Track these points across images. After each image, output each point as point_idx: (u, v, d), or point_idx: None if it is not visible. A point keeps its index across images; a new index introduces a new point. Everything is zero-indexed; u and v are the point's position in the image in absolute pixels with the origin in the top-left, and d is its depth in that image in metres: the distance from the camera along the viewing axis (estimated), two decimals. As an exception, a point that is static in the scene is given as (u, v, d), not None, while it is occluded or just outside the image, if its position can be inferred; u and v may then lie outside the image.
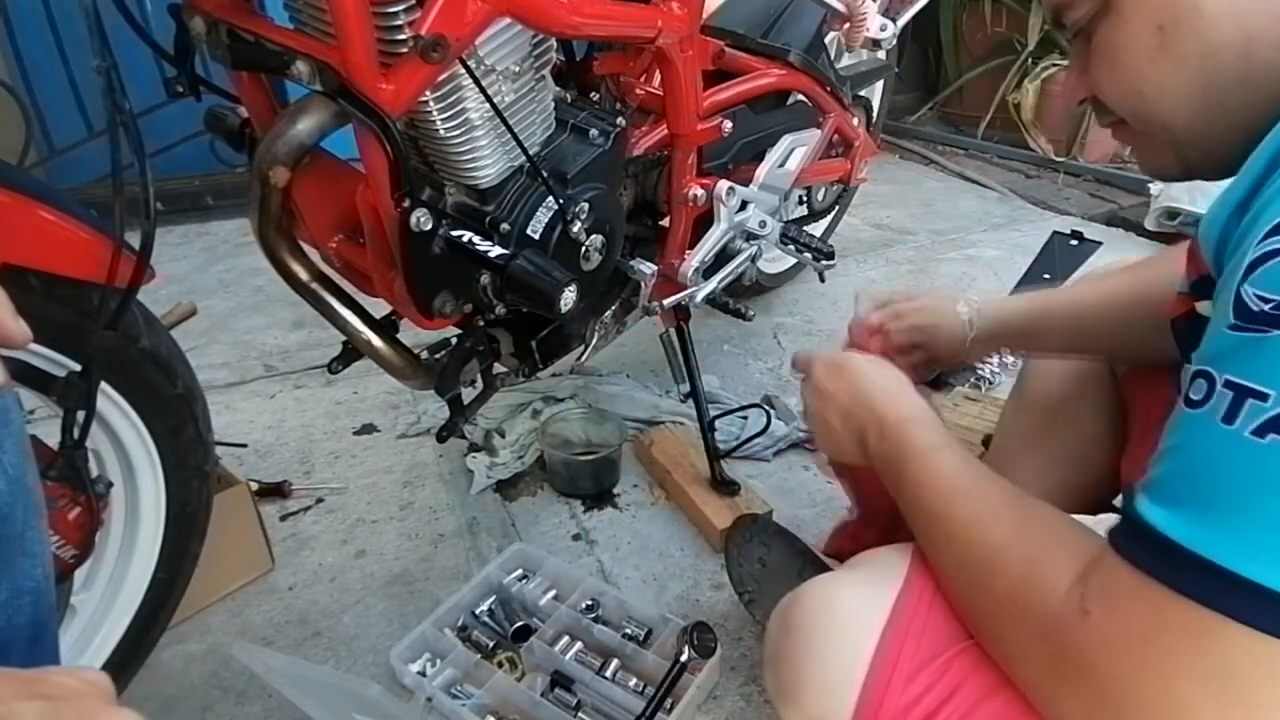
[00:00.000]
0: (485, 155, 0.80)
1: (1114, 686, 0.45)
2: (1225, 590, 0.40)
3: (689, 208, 1.09)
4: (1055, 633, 0.48)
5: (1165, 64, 0.52)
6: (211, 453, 0.91)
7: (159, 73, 1.65)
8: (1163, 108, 0.54)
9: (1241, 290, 0.42)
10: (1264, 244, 0.41)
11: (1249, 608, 0.40)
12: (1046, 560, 0.51)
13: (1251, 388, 0.40)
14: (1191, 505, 0.42)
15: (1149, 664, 0.44)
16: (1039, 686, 0.51)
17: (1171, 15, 0.51)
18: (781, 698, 0.61)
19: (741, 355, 1.74)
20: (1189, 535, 0.42)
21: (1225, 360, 0.42)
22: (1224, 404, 0.41)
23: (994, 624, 0.54)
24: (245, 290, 2.01)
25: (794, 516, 1.27)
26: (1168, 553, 0.42)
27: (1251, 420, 0.40)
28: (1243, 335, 0.41)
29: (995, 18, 3.16)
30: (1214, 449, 0.42)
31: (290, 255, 0.82)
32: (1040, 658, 0.50)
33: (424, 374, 0.95)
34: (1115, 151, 3.01)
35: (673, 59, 0.94)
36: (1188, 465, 0.44)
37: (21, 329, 0.49)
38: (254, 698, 0.98)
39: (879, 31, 1.44)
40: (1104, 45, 0.55)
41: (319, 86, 0.70)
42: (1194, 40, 0.50)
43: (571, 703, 0.94)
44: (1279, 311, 0.40)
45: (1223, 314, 0.43)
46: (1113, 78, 0.55)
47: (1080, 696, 0.48)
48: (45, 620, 0.57)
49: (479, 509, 1.30)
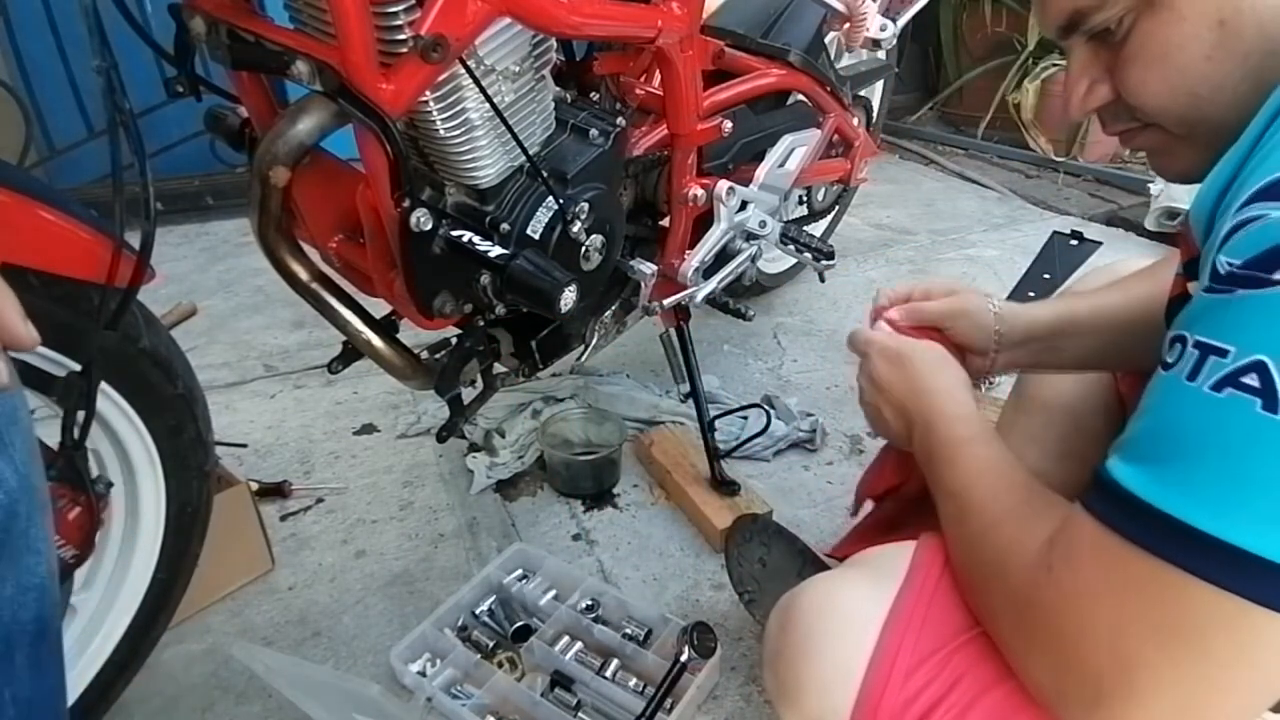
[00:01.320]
0: (485, 155, 0.80)
1: (1069, 640, 0.46)
2: (1182, 544, 0.41)
3: (689, 208, 1.09)
4: (1023, 590, 0.50)
5: (1225, 61, 0.49)
6: (211, 453, 0.91)
7: (159, 73, 1.65)
8: (1216, 108, 0.51)
9: (1216, 260, 0.42)
10: (1239, 214, 0.42)
11: (1204, 562, 0.40)
12: (1033, 527, 0.52)
13: (1215, 345, 0.41)
14: (1154, 460, 0.43)
15: (1105, 617, 0.44)
16: (1009, 644, 0.52)
17: (1235, 7, 0.48)
18: (781, 697, 0.61)
19: (741, 355, 1.74)
20: (1148, 489, 0.42)
21: (1196, 322, 0.43)
22: (1190, 362, 0.42)
23: (984, 588, 0.56)
24: (245, 290, 2.01)
25: (794, 516, 1.27)
26: (1128, 506, 0.43)
27: (1211, 375, 0.41)
28: (1213, 297, 0.42)
29: (995, 18, 3.16)
30: (1177, 406, 0.43)
31: (290, 255, 0.82)
32: (1010, 616, 0.52)
33: (424, 374, 0.95)
34: (1115, 151, 3.01)
35: (673, 59, 0.94)
36: (1153, 423, 0.45)
37: (30, 332, 0.49)
38: (254, 698, 0.98)
39: (879, 31, 1.44)
40: (1149, 45, 0.51)
41: (319, 86, 0.70)
42: (1259, 34, 0.48)
43: (571, 703, 0.94)
44: (1245, 271, 0.40)
45: (1201, 283, 0.44)
46: (1162, 79, 0.52)
47: (1040, 652, 0.49)
48: (49, 617, 0.58)
49: (479, 509, 1.30)
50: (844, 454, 1.43)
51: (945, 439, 0.65)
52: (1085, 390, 0.93)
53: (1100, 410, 0.92)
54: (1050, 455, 0.93)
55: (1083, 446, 0.92)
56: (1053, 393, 0.95)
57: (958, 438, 0.64)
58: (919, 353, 0.74)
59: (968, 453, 0.62)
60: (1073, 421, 0.93)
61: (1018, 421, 0.98)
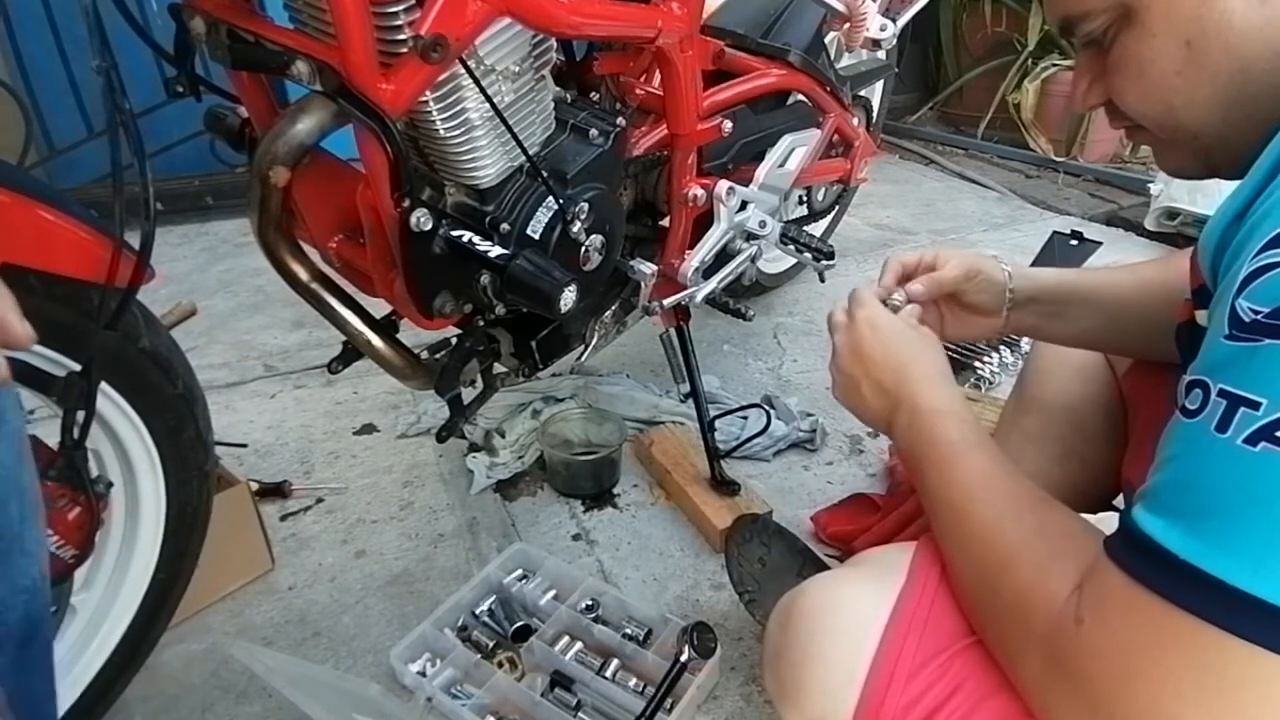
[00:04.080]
0: (485, 155, 0.80)
1: (1105, 697, 0.45)
2: (1218, 602, 0.40)
3: (689, 208, 1.09)
4: (1051, 639, 0.48)
5: (1195, 78, 0.51)
6: (211, 453, 0.91)
7: (159, 73, 1.65)
8: (1191, 117, 0.53)
9: (1236, 304, 0.42)
10: (1259, 258, 0.41)
11: (1241, 620, 0.39)
12: (1053, 567, 0.51)
13: (1244, 396, 0.40)
14: (1185, 515, 0.42)
15: (1139, 675, 0.43)
16: (1035, 691, 0.51)
17: (1200, 30, 0.50)
18: (782, 698, 0.61)
19: (741, 355, 1.74)
20: (1183, 545, 0.41)
21: (1220, 370, 0.42)
22: (1218, 413, 0.41)
23: (999, 626, 0.54)
24: (245, 290, 2.01)
25: (794, 516, 1.27)
26: (1162, 563, 0.42)
27: (1244, 429, 0.40)
28: (1237, 345, 0.41)
29: (995, 18, 3.16)
30: (1207, 458, 0.42)
31: (290, 255, 0.82)
32: (1037, 663, 0.50)
33: (424, 374, 0.95)
34: (1115, 151, 3.02)
35: (673, 59, 0.94)
36: (1182, 475, 0.44)
37: (27, 330, 0.49)
38: (254, 698, 0.98)
39: (879, 31, 1.44)
40: (1127, 57, 0.54)
41: (319, 86, 0.70)
42: (1225, 55, 0.50)
43: (571, 703, 0.94)
44: (1272, 320, 0.40)
45: (1218, 326, 0.43)
46: (1139, 89, 0.54)
47: (1072, 705, 0.47)
48: (38, 620, 0.57)
49: (479, 509, 1.29)
50: (844, 454, 1.43)
51: (935, 441, 0.63)
52: (1085, 390, 0.93)
53: (1100, 410, 0.92)
54: (1050, 456, 0.93)
55: (1083, 447, 0.92)
56: (1053, 393, 0.95)
57: (948, 442, 0.62)
58: (907, 332, 0.72)
59: (964, 462, 0.60)
60: (1073, 422, 0.93)
61: (1018, 422, 0.98)
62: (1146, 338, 0.80)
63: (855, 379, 0.72)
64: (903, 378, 0.68)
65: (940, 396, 0.66)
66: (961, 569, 0.58)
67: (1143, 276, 0.81)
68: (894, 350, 0.70)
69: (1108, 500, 0.92)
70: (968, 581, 0.58)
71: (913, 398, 0.67)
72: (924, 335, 0.73)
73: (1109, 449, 0.90)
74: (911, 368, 0.69)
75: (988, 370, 1.61)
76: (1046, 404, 0.95)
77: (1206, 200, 2.17)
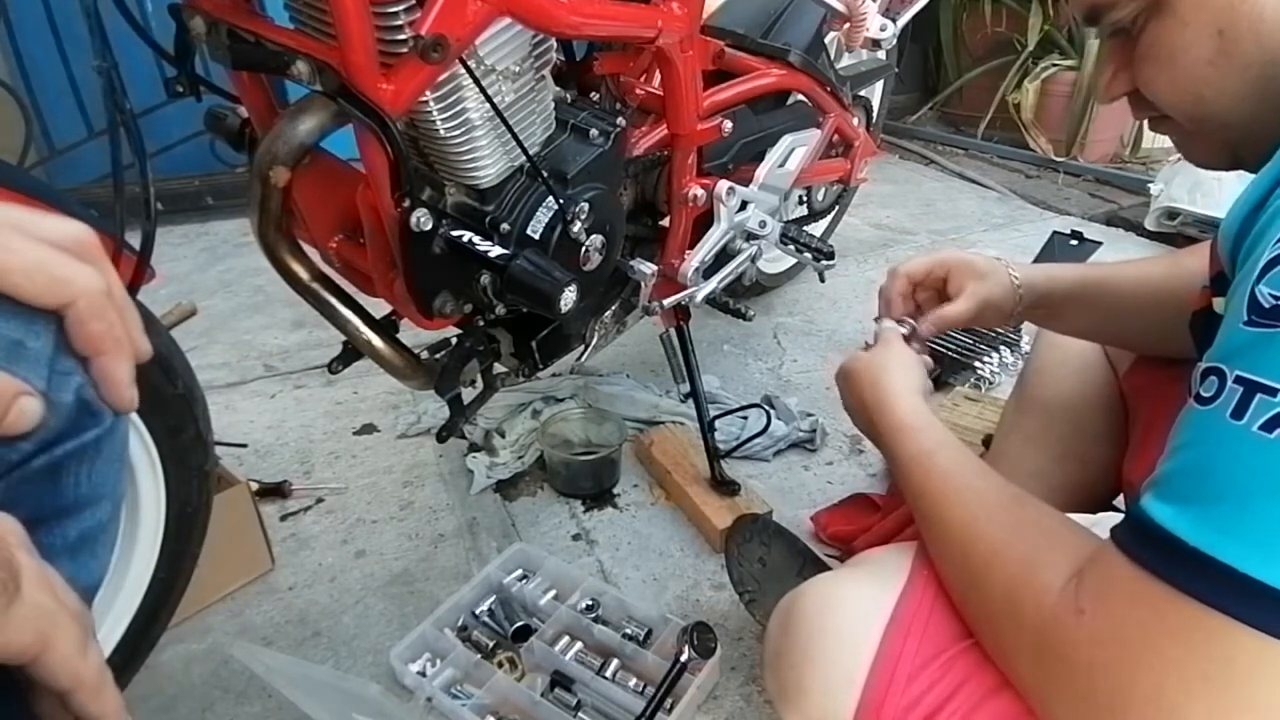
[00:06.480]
0: (485, 155, 0.80)
1: (1107, 686, 0.45)
2: (1228, 589, 0.39)
3: (689, 208, 1.09)
4: (1048, 632, 0.48)
5: (1226, 68, 0.51)
6: (211, 453, 0.91)
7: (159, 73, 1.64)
8: (1221, 108, 0.53)
9: (1256, 290, 0.41)
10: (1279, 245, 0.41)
11: (1251, 608, 0.39)
12: (1041, 560, 0.51)
13: (1261, 383, 0.40)
14: (1197, 501, 0.42)
15: (1144, 663, 0.43)
16: (1034, 687, 0.51)
17: (1231, 20, 0.49)
18: (782, 698, 0.61)
19: (741, 355, 1.74)
20: (1193, 532, 0.41)
21: (1237, 356, 0.42)
22: (1233, 400, 0.41)
23: (991, 624, 0.54)
24: (245, 290, 2.01)
25: (794, 516, 1.27)
26: (1170, 549, 0.42)
27: (1260, 415, 0.39)
28: (1256, 331, 0.41)
29: (995, 18, 3.16)
30: (1222, 445, 0.41)
31: (290, 255, 0.82)
32: (1034, 657, 0.50)
33: (424, 374, 0.95)
34: (1115, 151, 3.02)
35: (673, 59, 0.94)
36: (1195, 461, 0.43)
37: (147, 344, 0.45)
38: (254, 698, 0.98)
39: (879, 31, 1.44)
40: (1157, 46, 0.53)
41: (319, 86, 0.70)
42: (1257, 46, 0.49)
43: (571, 703, 0.94)
44: None
45: (1236, 312, 0.43)
46: (1169, 79, 0.54)
47: (1073, 696, 0.47)
48: None
49: (479, 509, 1.29)
50: (844, 454, 1.43)
51: (898, 456, 0.65)
52: (1085, 390, 0.93)
53: (1101, 410, 0.92)
54: (1051, 456, 0.93)
55: (1083, 447, 0.92)
56: (1053, 393, 0.95)
57: (911, 453, 0.64)
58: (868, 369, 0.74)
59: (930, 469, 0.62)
60: (1073, 421, 0.93)
61: (1018, 422, 0.98)
62: (1146, 333, 0.81)
63: (845, 396, 0.77)
64: (876, 399, 0.71)
65: (898, 413, 0.68)
66: (949, 576, 0.59)
67: (1149, 274, 0.81)
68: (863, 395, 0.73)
69: (1108, 500, 0.93)
70: (957, 586, 0.58)
71: (881, 419, 0.69)
72: (901, 360, 0.74)
73: (1109, 449, 0.90)
74: (880, 389, 0.71)
75: (988, 370, 1.60)
76: (1047, 404, 0.95)
77: (1206, 200, 2.17)
